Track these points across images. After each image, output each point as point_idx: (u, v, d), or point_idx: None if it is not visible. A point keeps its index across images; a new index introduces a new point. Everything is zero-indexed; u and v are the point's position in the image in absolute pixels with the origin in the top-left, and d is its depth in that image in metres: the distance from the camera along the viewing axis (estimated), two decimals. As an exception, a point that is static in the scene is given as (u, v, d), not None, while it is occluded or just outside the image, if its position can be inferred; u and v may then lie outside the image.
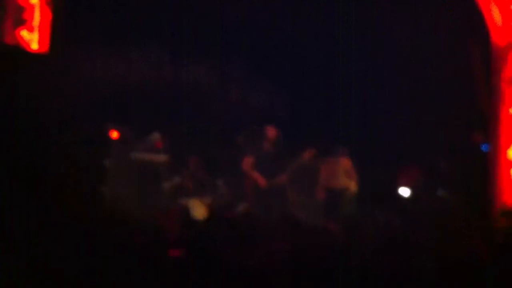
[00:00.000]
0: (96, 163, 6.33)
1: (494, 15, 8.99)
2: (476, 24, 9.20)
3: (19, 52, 7.09)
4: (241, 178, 9.53)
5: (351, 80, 10.29)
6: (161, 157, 9.41)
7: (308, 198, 9.46)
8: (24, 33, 8.29)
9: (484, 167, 9.06)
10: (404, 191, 9.16)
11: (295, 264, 4.74)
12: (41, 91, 5.31)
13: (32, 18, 8.42)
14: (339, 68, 10.24)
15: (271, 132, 9.60)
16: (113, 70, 9.39)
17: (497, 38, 9.04)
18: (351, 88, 10.32)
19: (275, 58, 10.38)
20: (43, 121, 5.14)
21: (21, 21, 8.29)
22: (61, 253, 4.21)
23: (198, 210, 8.00)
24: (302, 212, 8.41)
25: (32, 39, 8.44)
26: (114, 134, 9.05)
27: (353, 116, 10.29)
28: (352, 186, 9.65)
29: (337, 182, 9.67)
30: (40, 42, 8.48)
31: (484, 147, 9.58)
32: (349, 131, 10.04)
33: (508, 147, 8.69)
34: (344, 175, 9.73)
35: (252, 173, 9.39)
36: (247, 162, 9.42)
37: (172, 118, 9.84)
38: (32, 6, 8.43)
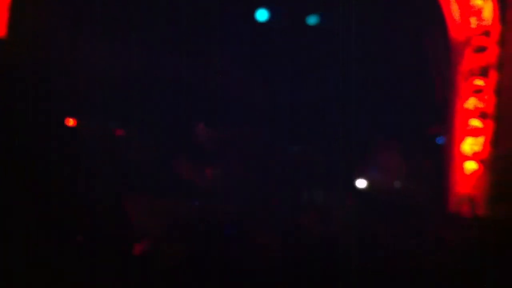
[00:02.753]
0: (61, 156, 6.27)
1: (454, 11, 9.15)
2: (436, 19, 9.34)
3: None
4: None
5: (309, 74, 10.37)
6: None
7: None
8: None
9: (440, 160, 9.26)
10: (361, 183, 9.28)
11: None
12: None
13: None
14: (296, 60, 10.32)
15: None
16: (82, 56, 9.25)
17: (456, 33, 9.20)
18: (309, 81, 10.39)
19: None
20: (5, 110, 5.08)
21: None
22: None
23: None
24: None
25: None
26: (70, 122, 8.94)
27: (313, 109, 10.37)
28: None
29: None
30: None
31: (439, 140, 9.75)
32: (309, 124, 10.14)
33: (462, 140, 8.89)
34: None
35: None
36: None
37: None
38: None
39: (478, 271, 5.36)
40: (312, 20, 10.25)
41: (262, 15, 10.12)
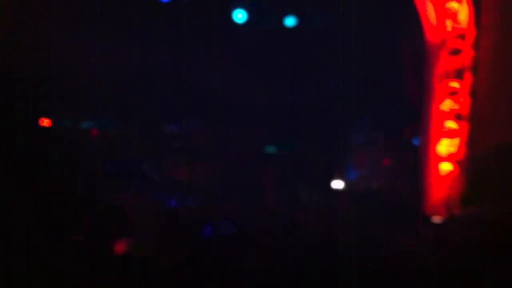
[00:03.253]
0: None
1: (429, 13, 9.22)
2: (411, 21, 9.41)
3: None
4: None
5: (289, 75, 10.39)
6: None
7: None
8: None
9: (415, 161, 9.32)
10: (337, 184, 9.30)
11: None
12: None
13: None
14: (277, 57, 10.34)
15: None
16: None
17: (431, 36, 9.27)
18: (288, 82, 10.42)
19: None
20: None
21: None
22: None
23: None
24: None
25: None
26: (45, 122, 8.84)
27: (290, 110, 10.40)
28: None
29: None
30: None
31: (415, 141, 9.82)
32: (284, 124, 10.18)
33: (437, 142, 8.96)
34: None
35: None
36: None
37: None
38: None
39: (453, 271, 5.40)
40: (289, 21, 10.28)
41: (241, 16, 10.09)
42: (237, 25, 10.33)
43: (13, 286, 3.94)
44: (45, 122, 8.83)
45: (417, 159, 9.29)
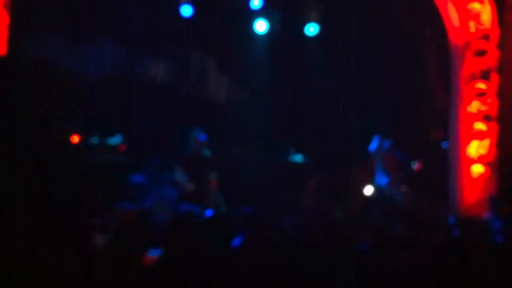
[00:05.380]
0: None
1: (452, 16, 9.17)
2: (435, 23, 9.37)
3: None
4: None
5: (311, 78, 10.39)
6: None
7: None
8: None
9: (444, 164, 9.25)
10: (368, 189, 9.25)
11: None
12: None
13: (-11, 21, 8.25)
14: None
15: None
16: (77, 68, 9.23)
17: (455, 38, 9.22)
18: (311, 86, 10.41)
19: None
20: (4, 122, 5.08)
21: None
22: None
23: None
24: None
25: (-10, 42, 8.27)
26: (76, 139, 8.91)
27: (313, 114, 10.39)
28: None
29: None
30: (-3, 45, 8.32)
31: (443, 144, 9.74)
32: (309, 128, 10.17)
33: (467, 144, 8.88)
34: None
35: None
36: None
37: (132, 116, 9.75)
38: (-12, 10, 8.26)
39: (486, 276, 5.35)
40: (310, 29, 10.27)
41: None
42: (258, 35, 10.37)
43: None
44: (76, 139, 8.92)
45: (446, 162, 9.22)
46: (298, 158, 10.19)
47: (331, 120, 9.95)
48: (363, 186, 9.29)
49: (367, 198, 9.20)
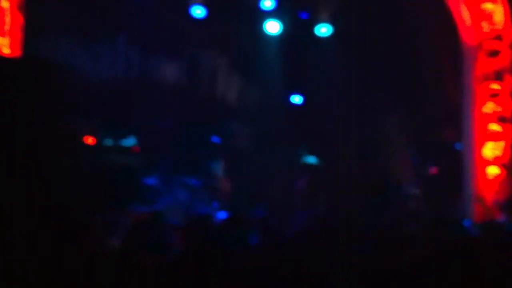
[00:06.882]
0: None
1: (464, 16, 9.14)
2: (447, 23, 9.34)
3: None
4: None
5: (322, 79, 10.38)
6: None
7: None
8: (-4, 38, 8.08)
9: (458, 165, 9.22)
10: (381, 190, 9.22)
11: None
12: (14, 96, 5.22)
13: (3, 23, 8.20)
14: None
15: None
16: (91, 69, 9.23)
17: (467, 38, 9.19)
18: (322, 87, 10.40)
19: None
20: (18, 125, 5.05)
21: (-8, 27, 8.08)
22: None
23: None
24: None
25: (4, 44, 8.23)
26: (89, 140, 8.87)
27: (322, 114, 10.37)
28: None
29: None
30: (12, 46, 8.28)
31: (457, 146, 9.71)
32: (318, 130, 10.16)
33: (482, 145, 8.85)
34: None
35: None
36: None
37: (144, 116, 9.74)
38: (3, 11, 8.21)
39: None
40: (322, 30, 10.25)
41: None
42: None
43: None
44: (90, 140, 8.89)
45: (460, 164, 9.19)
46: (311, 159, 10.18)
47: (344, 121, 9.93)
48: (377, 187, 9.27)
49: (381, 198, 9.18)
